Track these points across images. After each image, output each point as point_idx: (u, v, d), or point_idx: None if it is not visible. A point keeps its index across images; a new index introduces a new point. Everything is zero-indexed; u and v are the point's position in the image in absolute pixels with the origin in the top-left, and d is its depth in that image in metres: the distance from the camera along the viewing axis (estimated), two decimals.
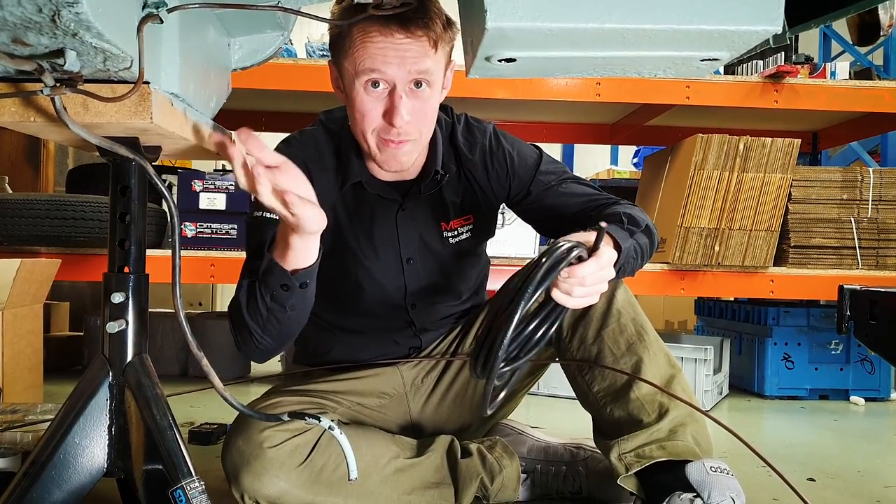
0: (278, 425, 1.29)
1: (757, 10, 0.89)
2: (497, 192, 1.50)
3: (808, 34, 4.78)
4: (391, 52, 1.23)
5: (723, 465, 1.26)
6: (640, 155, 6.06)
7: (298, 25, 1.47)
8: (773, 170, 2.69)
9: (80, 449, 1.08)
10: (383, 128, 1.28)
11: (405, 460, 1.40)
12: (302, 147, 1.43)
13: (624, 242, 1.23)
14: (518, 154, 1.49)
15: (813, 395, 2.99)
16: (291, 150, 1.42)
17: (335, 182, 1.42)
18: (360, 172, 1.41)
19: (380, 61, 1.23)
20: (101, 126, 1.01)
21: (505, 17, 0.87)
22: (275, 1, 1.11)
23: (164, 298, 3.24)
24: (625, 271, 1.28)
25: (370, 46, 1.23)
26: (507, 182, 1.49)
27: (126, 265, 1.14)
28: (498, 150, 1.48)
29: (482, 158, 1.48)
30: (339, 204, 1.43)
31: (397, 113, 1.25)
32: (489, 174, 1.48)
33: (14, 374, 2.15)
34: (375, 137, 1.30)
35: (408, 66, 1.23)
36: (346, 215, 1.44)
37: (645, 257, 1.34)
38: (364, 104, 1.27)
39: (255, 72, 1.50)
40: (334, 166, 1.42)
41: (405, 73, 1.24)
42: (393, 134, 1.28)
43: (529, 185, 1.48)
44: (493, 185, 1.49)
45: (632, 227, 1.29)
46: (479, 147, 1.48)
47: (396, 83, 1.25)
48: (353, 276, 1.47)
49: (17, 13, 0.80)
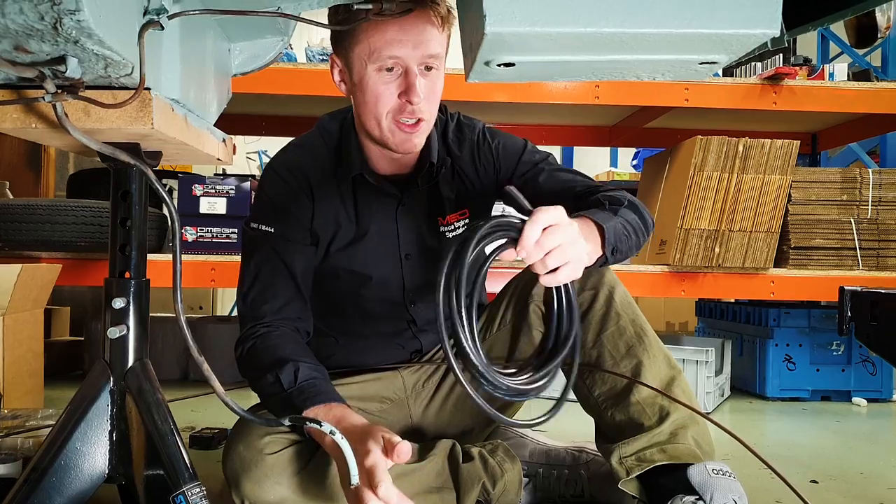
0: (279, 431, 1.29)
1: (754, 13, 0.90)
2: (486, 185, 1.51)
3: (807, 36, 4.78)
4: (407, 34, 1.26)
5: (725, 468, 1.26)
6: (640, 157, 6.06)
7: (298, 30, 1.47)
8: (772, 171, 2.70)
9: (81, 454, 1.08)
10: (398, 108, 1.31)
11: (406, 465, 1.40)
12: (300, 152, 1.45)
13: (606, 222, 1.22)
14: (503, 146, 1.51)
15: (815, 397, 2.99)
16: (289, 159, 1.44)
17: (334, 182, 1.44)
18: (360, 165, 1.43)
19: (397, 44, 1.26)
20: (103, 132, 1.01)
21: (504, 22, 0.87)
22: (275, 7, 1.11)
23: (164, 302, 3.25)
24: (619, 250, 1.26)
25: (388, 31, 1.26)
26: (493, 174, 1.50)
27: (127, 270, 1.14)
28: (484, 144, 1.50)
29: (470, 154, 1.50)
30: (339, 205, 1.44)
31: (414, 90, 1.28)
32: (477, 169, 1.50)
33: (15, 380, 2.15)
34: (390, 120, 1.32)
35: (422, 47, 1.27)
36: (345, 213, 1.45)
37: (639, 233, 1.32)
38: (378, 87, 1.30)
39: (256, 76, 1.50)
40: (333, 166, 1.44)
41: (419, 55, 1.27)
42: (407, 112, 1.30)
43: (513, 173, 1.49)
44: (482, 179, 1.50)
45: (614, 207, 1.29)
46: (468, 143, 1.50)
47: (410, 65, 1.28)
48: (352, 273, 1.48)
49: (20, 21, 0.80)
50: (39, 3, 0.77)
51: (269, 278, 1.39)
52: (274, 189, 1.42)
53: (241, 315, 1.42)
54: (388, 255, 1.48)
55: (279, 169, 1.43)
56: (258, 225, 1.39)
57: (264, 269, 1.39)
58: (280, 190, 1.41)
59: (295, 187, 1.41)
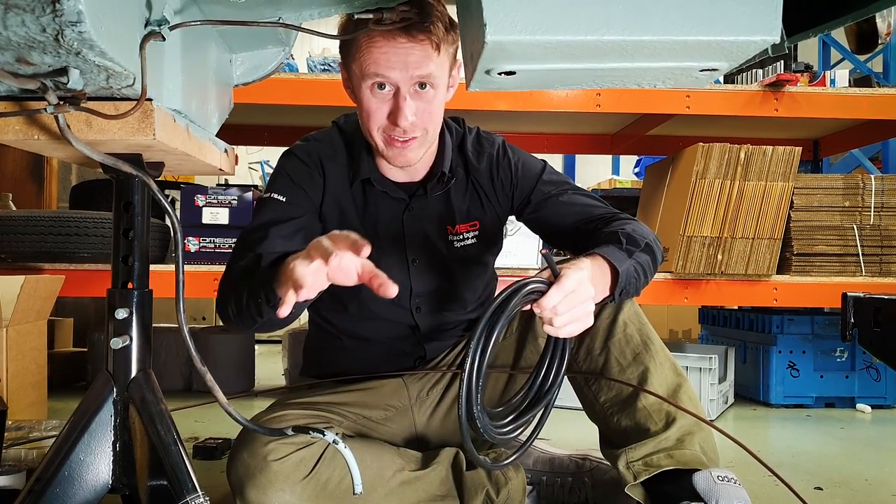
0: (283, 438, 1.28)
1: (754, 20, 0.90)
2: (502, 201, 1.54)
3: (808, 43, 4.80)
4: (394, 56, 1.27)
5: (730, 475, 1.26)
6: (642, 164, 6.07)
7: (300, 40, 1.48)
8: (774, 178, 2.70)
9: (84, 465, 1.08)
10: (388, 127, 1.34)
11: (410, 473, 1.40)
12: (318, 144, 1.49)
13: (621, 265, 1.25)
14: (523, 164, 1.54)
15: (819, 404, 2.97)
16: (309, 146, 1.48)
17: (346, 177, 1.47)
18: (370, 170, 1.46)
19: (383, 66, 1.28)
20: (105, 143, 1.02)
21: (504, 31, 0.87)
22: (276, 17, 1.12)
23: (167, 313, 3.25)
24: (627, 293, 1.30)
25: (374, 51, 1.28)
26: (510, 191, 1.53)
27: (130, 281, 1.14)
28: (503, 160, 1.53)
29: (488, 167, 1.52)
30: (348, 199, 1.47)
31: (401, 114, 1.31)
32: (494, 183, 1.52)
33: (18, 391, 2.15)
34: (381, 136, 1.35)
35: (410, 70, 1.28)
36: (353, 211, 1.47)
37: (648, 275, 1.35)
38: (370, 105, 1.33)
39: (257, 87, 1.51)
40: (346, 162, 1.48)
41: (408, 77, 1.29)
42: (398, 133, 1.33)
43: (531, 194, 1.52)
44: (498, 194, 1.53)
45: (630, 248, 1.31)
46: (487, 156, 1.53)
47: (400, 85, 1.30)
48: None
49: (21, 33, 0.80)
50: (41, 15, 0.78)
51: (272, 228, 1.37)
52: (292, 166, 1.45)
53: (235, 247, 1.41)
54: (393, 256, 1.48)
55: (299, 152, 1.47)
56: (271, 193, 1.42)
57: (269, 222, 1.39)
58: (298, 168, 1.45)
59: (312, 168, 1.45)
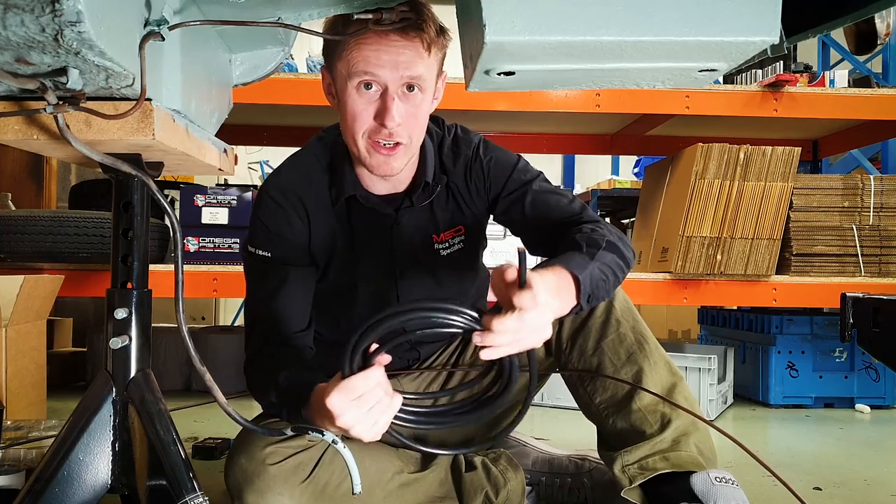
0: (281, 441, 1.28)
1: (753, 20, 0.90)
2: (479, 203, 1.48)
3: (807, 43, 4.80)
4: (385, 54, 1.23)
5: (728, 476, 1.26)
6: (641, 165, 6.07)
7: (299, 40, 1.48)
8: (773, 178, 2.70)
9: (84, 465, 1.08)
10: (374, 130, 1.27)
11: (409, 475, 1.40)
12: (294, 171, 1.42)
13: (582, 271, 1.17)
14: (494, 161, 1.47)
15: (818, 404, 2.98)
16: (282, 180, 1.40)
17: (328, 198, 1.40)
18: (353, 186, 1.39)
19: (373, 63, 1.23)
20: (104, 143, 1.02)
21: (503, 32, 0.87)
22: (275, 17, 1.12)
23: (166, 313, 3.25)
24: (597, 297, 1.22)
25: (364, 48, 1.23)
26: (485, 193, 1.47)
27: (129, 281, 1.14)
28: (476, 161, 1.46)
29: (463, 171, 1.46)
30: (333, 223, 1.41)
31: (389, 114, 1.24)
32: (469, 186, 1.46)
33: (18, 391, 2.15)
34: (366, 141, 1.29)
35: (401, 69, 1.23)
36: (341, 232, 1.43)
37: (619, 273, 1.28)
38: (356, 105, 1.26)
39: (257, 87, 1.51)
40: (327, 181, 1.41)
41: (398, 76, 1.24)
42: (383, 135, 1.27)
43: (501, 190, 1.46)
44: (474, 196, 1.47)
45: (591, 250, 1.23)
46: (462, 159, 1.46)
47: (389, 85, 1.25)
48: (346, 290, 1.46)
49: (21, 33, 0.81)
50: (41, 15, 0.78)
51: (270, 301, 1.37)
52: (267, 214, 1.38)
53: (247, 337, 1.41)
54: (382, 272, 1.46)
55: (273, 192, 1.39)
56: (255, 250, 1.36)
57: (266, 293, 1.37)
58: (274, 215, 1.38)
59: (289, 210, 1.38)
